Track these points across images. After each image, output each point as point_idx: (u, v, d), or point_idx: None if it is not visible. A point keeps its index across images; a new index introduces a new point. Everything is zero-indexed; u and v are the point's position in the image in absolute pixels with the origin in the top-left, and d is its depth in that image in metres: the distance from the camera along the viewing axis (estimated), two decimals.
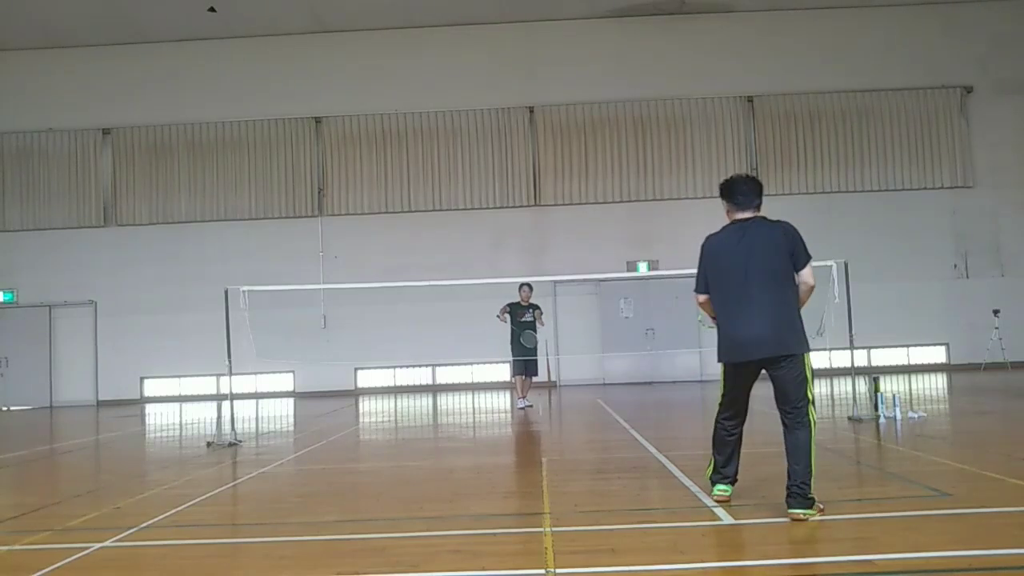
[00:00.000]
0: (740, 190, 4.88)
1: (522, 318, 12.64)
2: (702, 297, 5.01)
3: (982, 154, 19.08)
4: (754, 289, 4.68)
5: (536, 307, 12.86)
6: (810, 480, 4.54)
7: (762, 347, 4.65)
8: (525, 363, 12.66)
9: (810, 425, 4.63)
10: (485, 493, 5.98)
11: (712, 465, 5.19)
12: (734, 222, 4.89)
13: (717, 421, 5.15)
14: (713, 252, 4.93)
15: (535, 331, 12.60)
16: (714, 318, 5.01)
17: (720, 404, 5.11)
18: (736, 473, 5.14)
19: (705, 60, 19.19)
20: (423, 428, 11.59)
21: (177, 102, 19.51)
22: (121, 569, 4.24)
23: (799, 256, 4.71)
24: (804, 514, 4.48)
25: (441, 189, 19.23)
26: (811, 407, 4.68)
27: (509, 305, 12.79)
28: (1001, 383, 14.64)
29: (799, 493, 4.52)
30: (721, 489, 5.08)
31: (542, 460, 7.35)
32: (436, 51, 19.35)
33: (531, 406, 12.84)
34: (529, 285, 13.02)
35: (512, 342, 12.64)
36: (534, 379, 13.00)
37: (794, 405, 4.66)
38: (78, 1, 17.80)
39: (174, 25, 18.85)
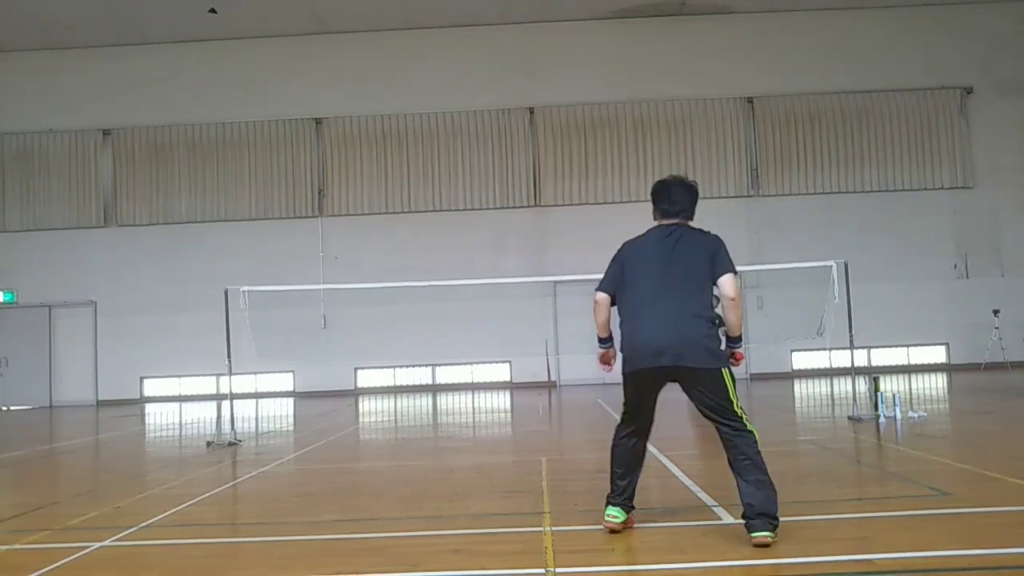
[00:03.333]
0: (673, 196, 4.47)
1: None
2: (601, 296, 4.57)
3: (982, 154, 19.07)
4: (668, 296, 4.25)
5: None
6: (776, 497, 4.08)
7: (662, 356, 4.17)
8: None
9: (751, 434, 4.20)
10: (485, 493, 5.97)
11: (610, 481, 4.51)
12: (660, 227, 4.51)
13: (616, 439, 4.55)
14: (631, 256, 4.54)
15: None
16: (606, 332, 4.65)
17: (622, 418, 4.54)
18: (634, 496, 4.47)
19: (705, 61, 19.18)
20: (423, 428, 11.59)
21: (177, 102, 19.51)
22: (121, 569, 4.24)
23: (720, 263, 4.26)
24: (771, 537, 3.98)
25: (441, 189, 19.23)
26: (745, 420, 4.25)
27: None
28: (1001, 383, 14.63)
29: (766, 513, 4.01)
30: (612, 514, 4.37)
31: (542, 460, 7.35)
32: (436, 52, 19.34)
33: None
34: None
35: None
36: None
37: (723, 417, 4.24)
38: (78, 1, 17.79)
39: (174, 26, 18.85)
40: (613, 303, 4.58)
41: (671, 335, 4.18)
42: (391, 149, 19.37)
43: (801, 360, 18.76)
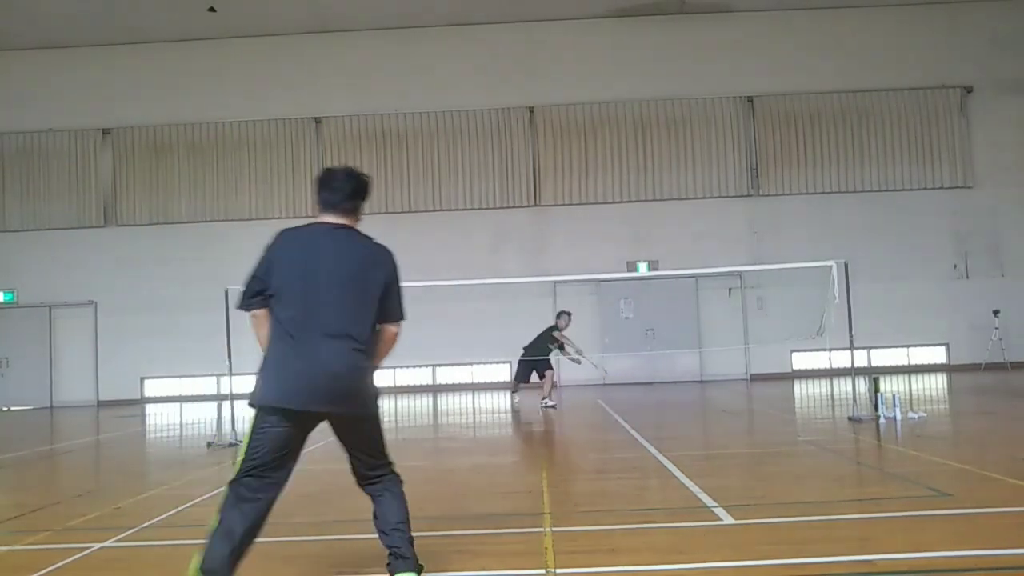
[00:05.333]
0: (336, 185, 3.84)
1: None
2: (260, 312, 3.58)
3: (982, 154, 19.06)
4: (335, 320, 3.51)
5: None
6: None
7: (337, 398, 3.49)
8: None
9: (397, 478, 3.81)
10: (485, 493, 5.98)
11: (210, 538, 3.35)
12: (321, 223, 3.81)
13: (237, 483, 3.47)
14: (289, 253, 3.65)
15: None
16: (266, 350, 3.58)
17: (244, 462, 3.46)
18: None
19: (705, 60, 19.18)
20: (423, 428, 11.59)
21: (177, 102, 19.50)
22: (121, 569, 4.24)
23: (394, 302, 3.80)
24: None
25: (441, 189, 19.22)
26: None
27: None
28: (1001, 383, 14.64)
29: (408, 555, 3.62)
30: None
31: (542, 460, 7.34)
32: (436, 51, 19.34)
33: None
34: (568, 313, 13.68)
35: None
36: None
37: (381, 462, 3.81)
38: (78, 1, 17.79)
39: (174, 25, 18.83)
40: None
41: (343, 376, 3.60)
42: (391, 149, 19.37)
43: (801, 360, 18.76)
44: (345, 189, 3.91)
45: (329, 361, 3.46)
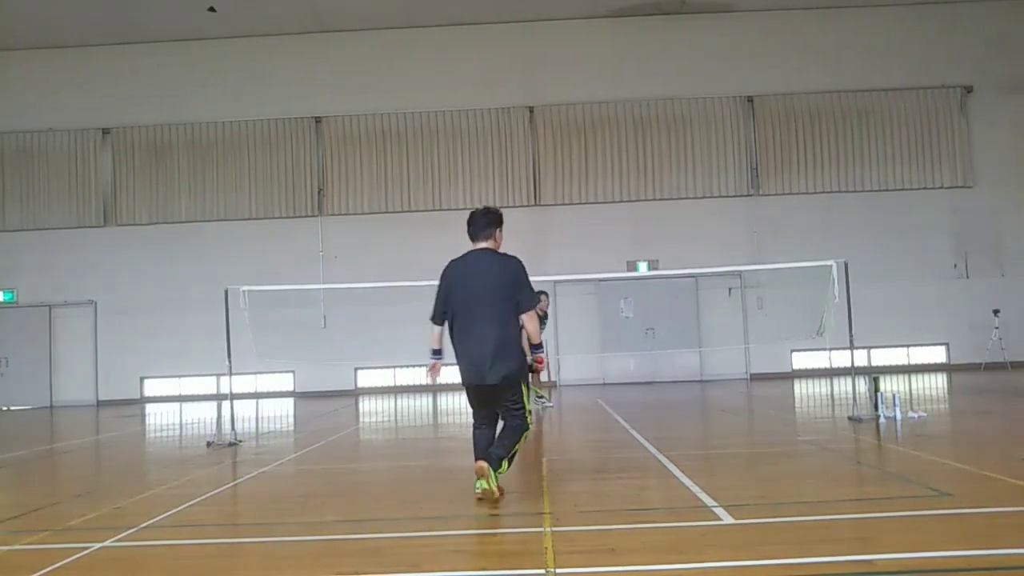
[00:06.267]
0: (475, 222, 5.79)
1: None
2: (443, 325, 5.71)
3: (982, 154, 19.07)
4: (482, 324, 5.48)
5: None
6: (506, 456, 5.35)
7: (480, 377, 5.42)
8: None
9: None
10: None
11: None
12: (473, 251, 5.74)
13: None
14: (454, 280, 5.62)
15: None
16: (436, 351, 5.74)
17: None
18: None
19: (705, 60, 19.18)
20: (423, 428, 11.60)
21: (177, 102, 19.51)
22: (121, 569, 4.24)
23: (521, 297, 5.52)
24: (490, 472, 5.14)
25: (441, 189, 19.23)
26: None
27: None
28: (1001, 383, 14.64)
29: (491, 455, 5.29)
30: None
31: (542, 460, 7.35)
32: (436, 51, 19.34)
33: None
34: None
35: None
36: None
37: (516, 412, 5.53)
38: (78, 1, 17.79)
39: (174, 25, 18.84)
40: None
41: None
42: (391, 148, 19.37)
43: (801, 360, 18.77)
44: (481, 223, 5.80)
45: (476, 355, 5.38)
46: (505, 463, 5.34)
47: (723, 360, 18.53)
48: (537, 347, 5.64)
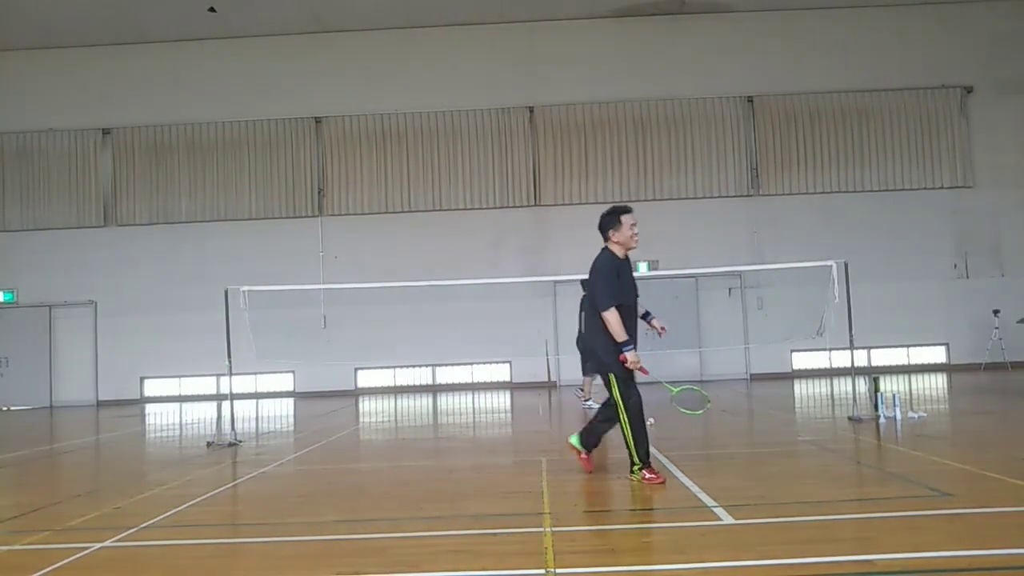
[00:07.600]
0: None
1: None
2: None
3: (982, 154, 19.07)
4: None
5: None
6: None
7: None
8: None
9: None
10: (485, 493, 5.98)
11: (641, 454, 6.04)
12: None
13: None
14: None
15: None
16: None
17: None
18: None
19: (705, 60, 19.18)
20: (423, 428, 11.60)
21: (177, 102, 19.51)
22: (121, 569, 4.24)
23: (593, 293, 6.61)
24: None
25: (441, 189, 19.22)
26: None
27: None
28: (1001, 383, 14.64)
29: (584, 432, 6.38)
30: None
31: (542, 460, 7.35)
32: (436, 51, 19.34)
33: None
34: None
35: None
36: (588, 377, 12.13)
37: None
38: (78, 1, 17.79)
39: (174, 25, 18.84)
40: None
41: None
42: (391, 148, 19.37)
43: (801, 360, 18.77)
44: (599, 224, 6.77)
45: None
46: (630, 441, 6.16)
47: (723, 360, 18.53)
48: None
